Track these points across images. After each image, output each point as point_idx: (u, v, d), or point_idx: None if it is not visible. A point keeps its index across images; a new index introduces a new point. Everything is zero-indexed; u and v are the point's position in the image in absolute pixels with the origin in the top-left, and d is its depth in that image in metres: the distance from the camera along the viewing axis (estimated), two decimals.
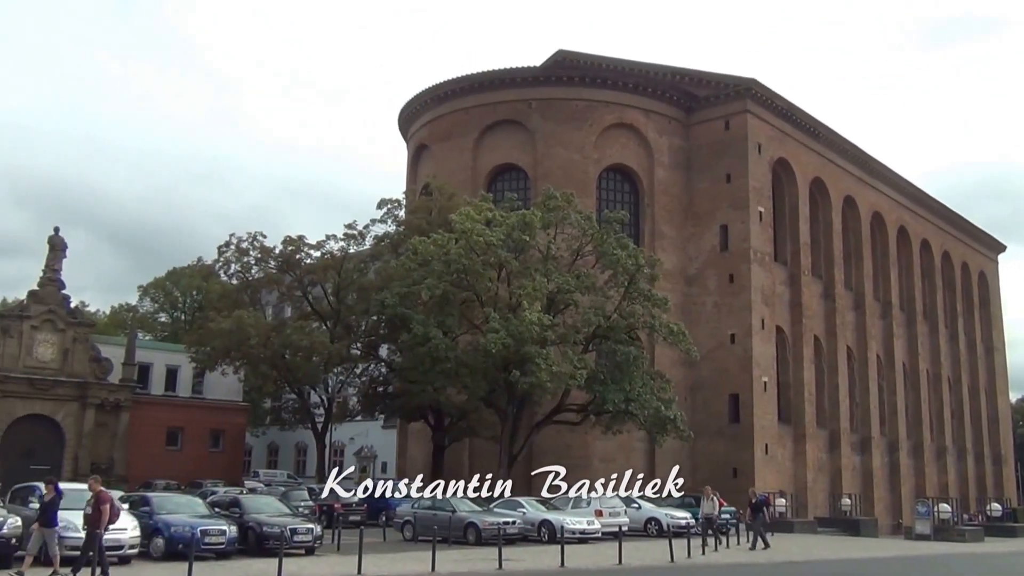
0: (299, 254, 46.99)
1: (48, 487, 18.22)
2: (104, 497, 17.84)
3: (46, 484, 18.43)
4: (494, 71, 53.66)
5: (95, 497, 17.83)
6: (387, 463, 59.51)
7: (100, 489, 18.12)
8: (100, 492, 17.98)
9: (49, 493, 18.03)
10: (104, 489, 18.46)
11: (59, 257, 50.05)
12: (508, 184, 52.78)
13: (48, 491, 18.10)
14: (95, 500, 17.74)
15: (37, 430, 48.58)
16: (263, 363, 44.04)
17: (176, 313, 76.11)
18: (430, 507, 30.57)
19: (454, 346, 37.78)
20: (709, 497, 31.00)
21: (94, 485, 18.31)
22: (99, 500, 17.66)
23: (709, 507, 30.72)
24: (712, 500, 30.97)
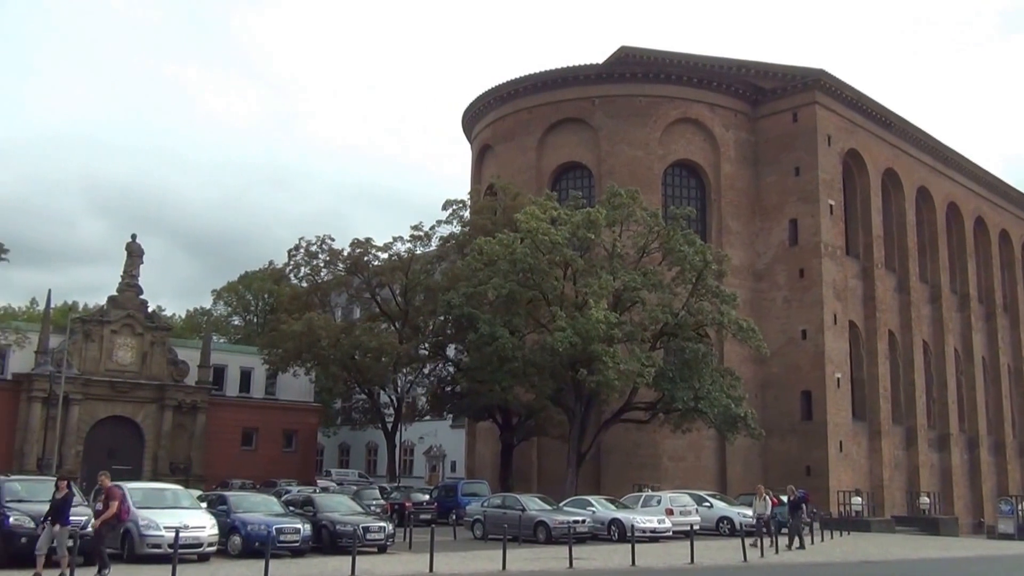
0: (367, 256, 47.59)
1: (61, 484, 17.55)
2: (114, 493, 17.61)
3: (59, 481, 17.75)
4: (557, 70, 53.59)
5: (105, 493, 17.59)
6: (456, 462, 59.90)
7: (109, 485, 17.83)
8: (109, 488, 17.70)
9: (62, 491, 17.32)
10: (114, 485, 18.22)
11: (137, 264, 51.64)
12: (572, 182, 52.64)
13: (61, 489, 17.39)
14: (104, 496, 17.52)
15: (118, 431, 50.18)
16: (333, 364, 44.72)
17: (249, 316, 77.76)
18: (499, 506, 30.69)
19: (521, 345, 37.82)
20: (761, 496, 30.02)
21: (104, 481, 18.02)
22: (108, 496, 17.42)
23: (761, 506, 29.68)
24: (764, 499, 29.92)
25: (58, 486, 17.46)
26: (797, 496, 29.08)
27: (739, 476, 47.40)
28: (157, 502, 21.43)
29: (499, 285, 37.14)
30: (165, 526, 19.52)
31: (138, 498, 21.20)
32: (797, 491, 29.83)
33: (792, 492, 29.45)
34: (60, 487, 17.39)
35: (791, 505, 28.97)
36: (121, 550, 20.13)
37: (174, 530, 18.29)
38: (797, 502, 28.82)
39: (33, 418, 47.15)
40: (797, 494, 29.26)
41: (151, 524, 19.85)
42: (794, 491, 29.60)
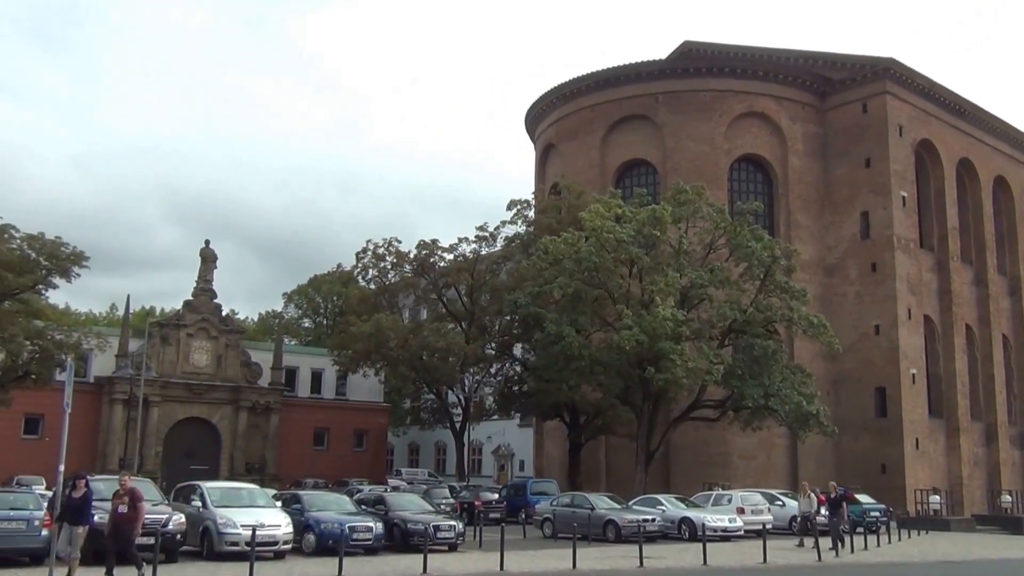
0: (433, 257, 48.03)
1: (79, 483, 16.35)
2: (139, 495, 16.63)
3: (76, 480, 16.49)
4: (619, 67, 53.39)
5: (129, 494, 16.32)
6: (524, 461, 60.06)
7: (131, 486, 16.67)
8: (134, 489, 16.58)
9: (80, 489, 16.21)
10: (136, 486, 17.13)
11: (210, 268, 52.99)
12: (637, 180, 52.37)
13: (79, 487, 16.26)
14: (130, 498, 16.27)
15: (196, 432, 51.54)
16: (402, 365, 45.23)
17: (319, 318, 79.07)
18: (569, 505, 30.71)
19: (587, 344, 37.77)
20: (806, 494, 28.68)
21: (126, 482, 16.72)
22: (134, 498, 16.29)
23: (806, 505, 28.35)
24: (810, 497, 28.58)
25: (75, 484, 16.38)
26: (838, 494, 27.44)
27: (812, 474, 46.50)
28: (234, 501, 21.96)
29: (565, 284, 37.15)
30: (242, 524, 19.97)
31: (216, 497, 21.79)
32: (839, 489, 28.29)
33: (833, 489, 27.91)
34: (78, 485, 16.32)
35: (830, 504, 27.35)
36: (201, 547, 20.71)
37: (251, 528, 18.67)
38: (837, 501, 27.12)
39: (115, 420, 48.66)
40: (838, 492, 27.68)
41: (229, 522, 20.34)
42: (835, 488, 28.09)
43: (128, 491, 16.26)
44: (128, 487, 16.44)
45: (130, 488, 16.39)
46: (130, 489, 16.34)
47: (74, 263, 33.15)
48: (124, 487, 16.39)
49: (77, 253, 33.26)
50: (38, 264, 32.84)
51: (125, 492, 16.23)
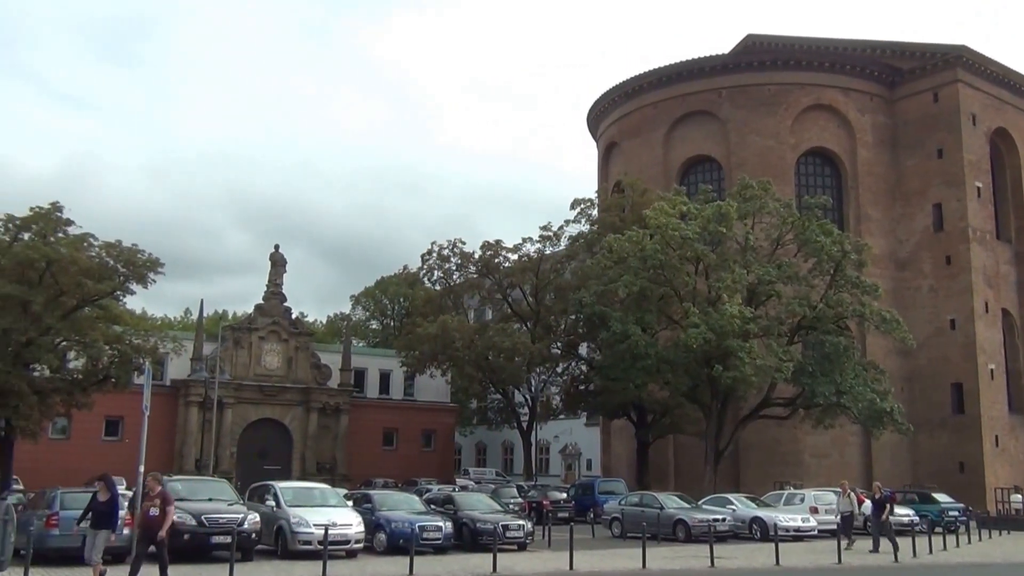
0: (497, 258, 48.23)
1: (102, 486, 15.68)
2: (169, 497, 15.84)
3: (99, 481, 15.83)
4: (682, 62, 52.95)
5: (160, 497, 15.46)
6: (591, 460, 59.93)
7: (160, 488, 15.82)
8: (164, 492, 15.75)
9: (104, 493, 15.53)
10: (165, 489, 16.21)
11: (280, 272, 54.00)
12: (701, 176, 51.89)
13: (103, 491, 15.56)
14: (161, 501, 15.40)
15: (268, 433, 52.58)
16: (468, 365, 45.51)
17: (385, 320, 79.96)
18: (637, 504, 30.56)
19: (654, 342, 37.56)
20: (846, 493, 27.33)
21: (154, 484, 15.72)
22: (165, 501, 15.44)
23: (846, 504, 27.03)
24: (849, 497, 27.26)
25: (99, 487, 15.70)
26: (882, 495, 26.23)
27: (887, 473, 45.58)
28: (307, 500, 22.35)
29: (630, 282, 36.99)
30: (315, 523, 20.29)
31: (289, 497, 22.21)
32: (883, 490, 26.99)
33: (877, 489, 26.65)
34: (100, 488, 15.63)
35: (874, 505, 26.17)
36: (275, 546, 21.13)
37: (323, 527, 18.98)
38: (881, 502, 25.95)
39: (190, 421, 49.90)
40: (883, 493, 26.44)
41: (302, 522, 20.70)
42: (879, 488, 26.83)
43: (158, 494, 15.55)
44: (158, 490, 15.69)
45: (160, 491, 15.69)
46: (160, 492, 15.65)
47: (150, 269, 34.03)
48: (154, 489, 15.61)
49: (153, 259, 34.14)
50: (116, 271, 33.79)
51: (156, 495, 15.50)
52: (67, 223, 33.05)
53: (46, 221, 32.55)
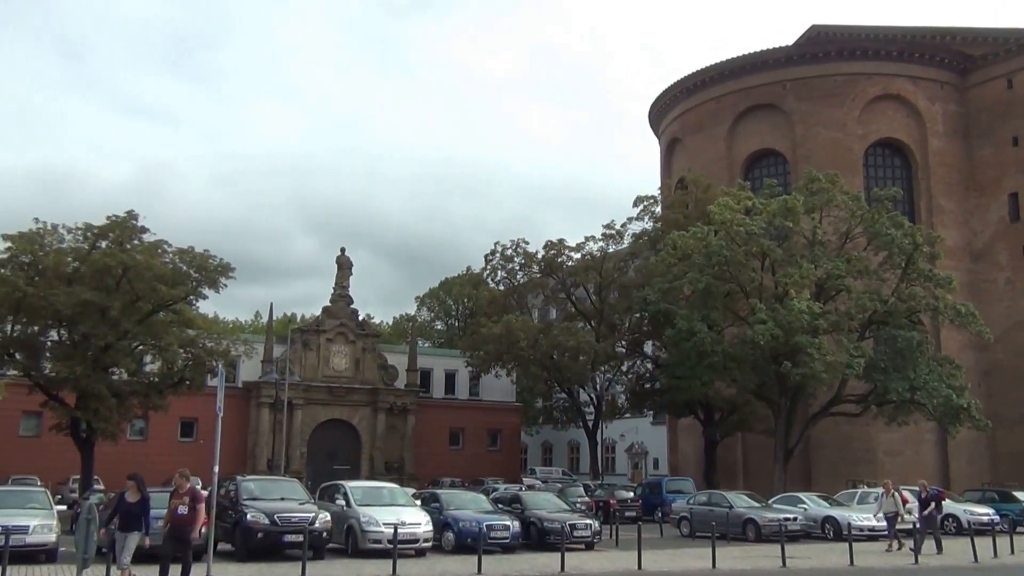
0: (560, 257, 48.24)
1: (132, 485, 14.78)
2: (200, 495, 15.11)
3: (130, 481, 14.91)
4: (744, 56, 52.30)
5: (190, 495, 14.78)
6: (658, 459, 59.53)
7: (190, 485, 15.06)
8: (194, 490, 15.03)
9: (134, 493, 14.67)
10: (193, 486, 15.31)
11: (346, 275, 54.80)
12: (766, 170, 51.17)
13: (133, 491, 14.69)
14: (191, 499, 14.72)
15: (337, 433, 53.39)
16: (533, 364, 45.61)
17: (450, 320, 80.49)
18: (706, 503, 30.27)
19: (720, 339, 37.18)
20: (889, 493, 25.74)
21: (182, 482, 14.96)
22: (195, 499, 14.77)
23: (890, 504, 25.51)
24: (894, 496, 25.67)
25: (129, 487, 14.82)
26: (929, 494, 24.90)
27: (964, 471, 44.49)
28: (376, 500, 22.63)
29: (695, 279, 36.67)
30: (384, 522, 20.51)
31: (359, 496, 22.52)
32: (930, 488, 25.59)
33: (924, 488, 25.32)
34: (131, 488, 14.75)
35: (920, 504, 24.81)
36: (345, 545, 21.43)
37: (393, 526, 19.19)
38: (927, 501, 24.64)
39: (262, 422, 50.90)
40: (929, 491, 25.10)
41: (372, 521, 20.95)
42: (926, 487, 25.49)
43: (188, 491, 14.80)
44: (187, 487, 14.90)
45: (190, 488, 14.91)
46: (190, 489, 14.89)
47: (221, 274, 34.85)
48: (182, 487, 14.84)
49: (224, 264, 34.95)
50: (189, 276, 34.69)
51: (185, 492, 14.75)
52: (142, 231, 34.03)
53: (122, 229, 33.55)
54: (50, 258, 32.76)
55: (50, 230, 33.53)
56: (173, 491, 14.99)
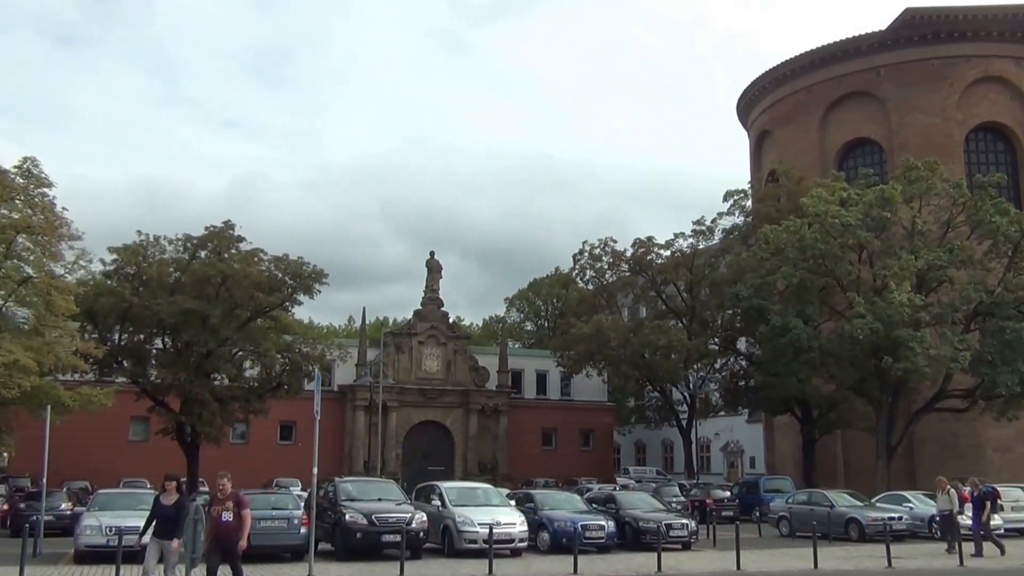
0: (649, 255, 47.85)
1: (170, 486, 13.47)
2: (244, 500, 13.58)
3: (166, 482, 13.58)
4: (835, 43, 50.95)
5: (234, 500, 13.31)
6: (755, 458, 58.46)
7: (232, 489, 13.59)
8: (240, 495, 13.62)
9: (171, 495, 13.34)
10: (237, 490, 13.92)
11: (436, 278, 55.48)
12: (861, 160, 49.80)
13: (170, 491, 13.38)
14: (235, 504, 13.26)
15: (431, 434, 54.08)
16: (624, 364, 45.35)
17: (540, 321, 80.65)
18: (805, 502, 29.58)
19: (816, 335, 36.34)
20: (944, 490, 24.21)
21: (226, 484, 13.44)
22: (239, 504, 13.31)
23: (945, 503, 24.06)
24: (949, 494, 24.10)
25: (165, 487, 13.52)
26: (982, 491, 23.56)
27: None
28: (470, 500, 22.79)
29: (789, 274, 35.91)
30: (480, 523, 20.65)
31: (454, 497, 22.72)
32: (982, 485, 24.21)
33: (975, 485, 23.97)
34: (168, 489, 13.44)
35: (974, 503, 23.60)
36: (442, 545, 21.65)
37: (488, 526, 19.31)
38: (980, 499, 23.37)
39: (358, 425, 51.88)
40: (982, 488, 23.74)
41: (467, 521, 21.10)
42: (978, 484, 24.11)
43: (231, 495, 13.30)
44: (229, 491, 13.40)
45: (233, 492, 13.42)
46: (233, 493, 13.39)
47: (315, 280, 35.68)
48: (225, 491, 13.35)
49: (317, 271, 35.78)
50: (284, 283, 35.63)
51: (227, 497, 13.28)
52: (239, 240, 35.11)
53: (220, 239, 34.68)
54: (153, 269, 34.09)
55: (152, 242, 34.90)
56: (213, 496, 13.61)
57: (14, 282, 26.92)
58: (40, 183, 27.44)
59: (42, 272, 27.45)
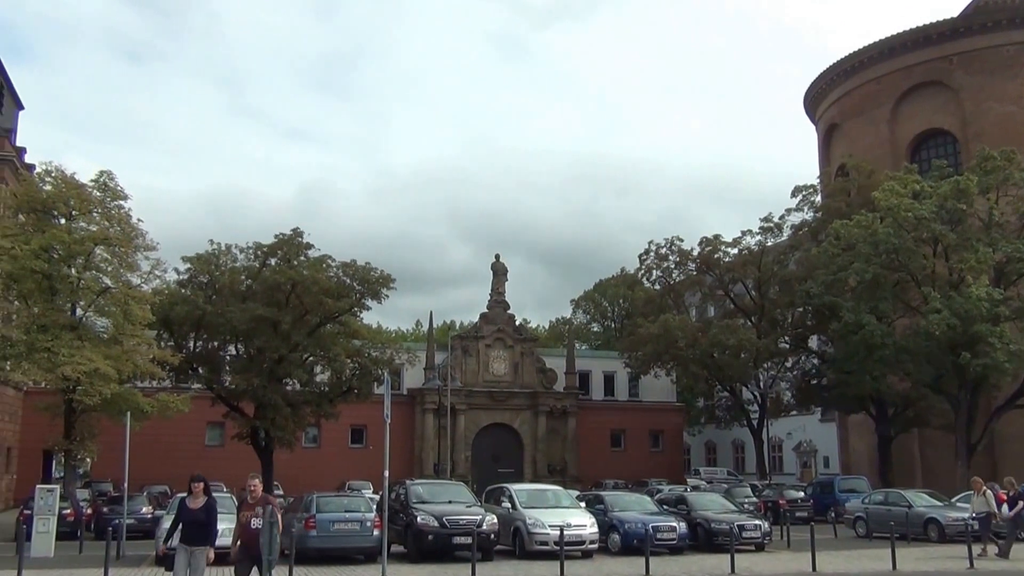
0: (717, 253, 47.31)
1: (196, 488, 12.03)
2: (276, 505, 12.20)
3: (194, 483, 12.11)
4: (905, 32, 49.77)
5: (263, 504, 11.82)
6: (829, 458, 57.36)
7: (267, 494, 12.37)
8: (270, 499, 12.12)
9: (198, 497, 11.94)
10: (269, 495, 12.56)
11: (502, 281, 55.70)
12: (934, 151, 48.55)
13: (197, 494, 11.97)
14: (268, 510, 11.71)
15: (499, 437, 54.31)
16: (693, 364, 44.92)
17: (606, 322, 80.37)
18: (882, 502, 28.94)
19: (890, 331, 35.54)
20: (981, 491, 23.12)
21: (256, 486, 12.02)
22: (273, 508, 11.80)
23: (981, 504, 22.91)
24: (986, 496, 23.01)
25: (191, 490, 12.11)
26: (1018, 492, 22.64)
27: None
28: (541, 502, 22.81)
29: (861, 270, 35.20)
30: (550, 524, 20.66)
31: (524, 499, 22.76)
32: (1019, 485, 23.22)
33: (1011, 486, 22.99)
34: (195, 491, 12.02)
35: (1010, 503, 22.65)
36: (513, 546, 21.71)
37: (559, 528, 19.30)
38: (1014, 499, 22.46)
39: (427, 428, 52.34)
40: (1018, 489, 22.78)
41: (538, 523, 21.12)
42: (1014, 484, 23.13)
43: (261, 499, 11.88)
44: (260, 494, 11.97)
45: (263, 496, 12.01)
46: (263, 497, 11.98)
47: (383, 285, 36.11)
48: (255, 494, 11.90)
49: (385, 276, 36.20)
50: (352, 288, 36.13)
51: (257, 501, 11.83)
52: (307, 247, 35.72)
53: (289, 246, 35.34)
54: (225, 277, 34.87)
55: (224, 250, 35.70)
56: (242, 500, 12.25)
57: (93, 293, 27.86)
58: (116, 196, 28.40)
59: (120, 282, 28.37)
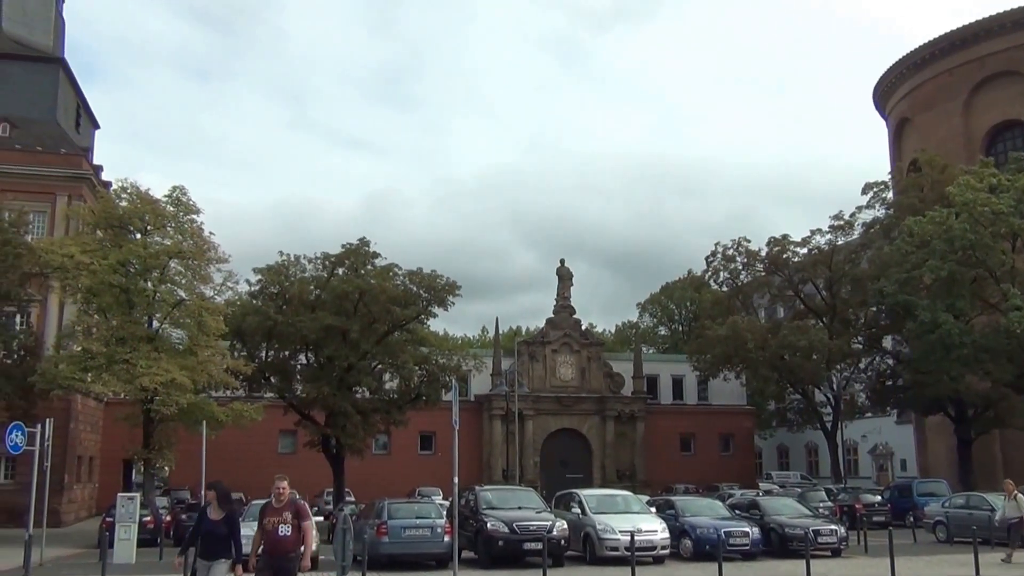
0: (785, 253, 46.58)
1: (211, 495, 11.01)
2: (306, 511, 11.07)
3: (210, 491, 11.08)
4: (978, 21, 48.48)
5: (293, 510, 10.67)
6: (906, 460, 55.94)
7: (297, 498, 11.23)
8: (299, 504, 10.95)
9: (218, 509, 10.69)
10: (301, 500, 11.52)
11: (567, 286, 55.64)
12: (1011, 143, 47.20)
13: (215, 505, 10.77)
14: (295, 515, 10.63)
15: (568, 442, 54.19)
16: (763, 366, 44.26)
17: (673, 325, 79.64)
18: (963, 506, 28.09)
19: (969, 330, 34.54)
20: (1011, 495, 22.25)
21: (283, 489, 10.78)
22: (299, 515, 10.71)
23: (1012, 509, 22.12)
24: (1017, 500, 22.16)
25: (209, 498, 11.17)
26: None
27: None
28: (611, 507, 22.69)
29: (936, 267, 34.31)
30: (621, 530, 20.52)
31: (593, 504, 22.65)
32: None
33: None
34: (210, 499, 11.03)
35: None
36: (583, 552, 21.63)
37: (629, 534, 19.15)
38: None
39: (495, 433, 52.47)
40: None
41: (608, 528, 21.01)
42: None
43: (288, 503, 10.74)
44: (288, 498, 10.82)
45: (292, 500, 10.87)
46: (291, 501, 10.83)
47: (448, 292, 36.34)
48: (282, 497, 10.74)
49: (451, 283, 36.43)
50: (419, 296, 36.44)
51: (284, 506, 10.68)
52: (374, 256, 36.15)
53: (356, 256, 35.80)
54: (295, 287, 35.46)
55: (293, 261, 36.32)
56: (265, 504, 11.01)
57: (169, 305, 28.61)
58: (189, 210, 29.13)
59: (194, 294, 29.10)
